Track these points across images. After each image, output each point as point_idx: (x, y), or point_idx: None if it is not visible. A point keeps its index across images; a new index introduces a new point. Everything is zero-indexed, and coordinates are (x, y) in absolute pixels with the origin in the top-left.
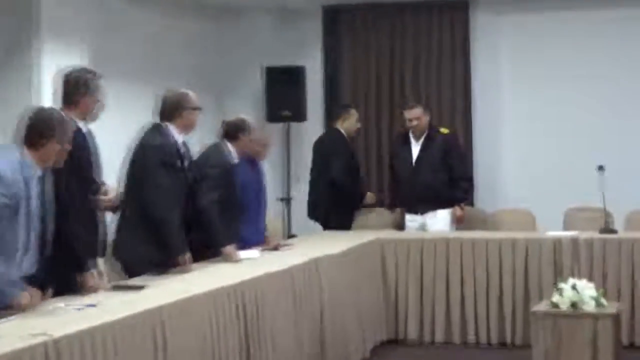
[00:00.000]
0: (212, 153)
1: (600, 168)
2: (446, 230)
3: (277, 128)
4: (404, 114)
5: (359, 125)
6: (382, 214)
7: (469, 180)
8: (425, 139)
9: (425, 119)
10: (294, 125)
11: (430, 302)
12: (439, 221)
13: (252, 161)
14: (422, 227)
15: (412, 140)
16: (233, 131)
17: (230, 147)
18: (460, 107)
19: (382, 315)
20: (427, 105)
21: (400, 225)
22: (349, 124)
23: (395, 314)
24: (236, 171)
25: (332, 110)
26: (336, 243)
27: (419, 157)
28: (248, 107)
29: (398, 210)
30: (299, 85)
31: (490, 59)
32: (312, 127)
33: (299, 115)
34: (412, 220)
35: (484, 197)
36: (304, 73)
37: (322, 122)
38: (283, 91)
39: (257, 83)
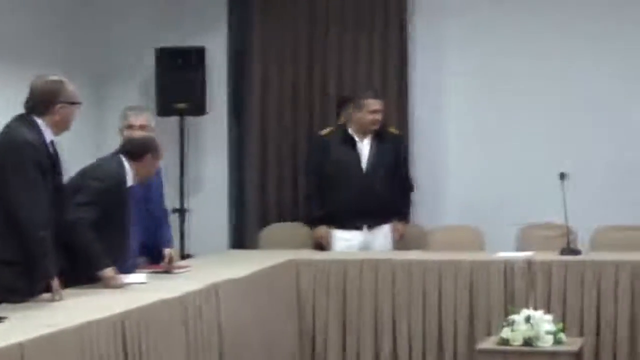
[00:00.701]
0: (105, 164)
1: (562, 176)
2: (387, 249)
3: (170, 123)
4: (365, 104)
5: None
6: (298, 230)
7: (413, 191)
8: (374, 139)
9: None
10: (191, 119)
11: (354, 336)
12: (380, 239)
13: None
14: (366, 246)
15: (357, 140)
16: (140, 151)
17: (129, 167)
18: (394, 102)
19: (295, 351)
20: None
21: (322, 245)
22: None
23: (312, 349)
24: (128, 191)
25: (238, 102)
26: (241, 265)
27: (370, 161)
28: (134, 98)
29: (323, 227)
30: (198, 71)
31: (432, 44)
32: (214, 123)
33: (198, 107)
34: (349, 239)
35: (423, 212)
36: (203, 55)
37: (225, 117)
38: (178, 78)
39: (146, 68)
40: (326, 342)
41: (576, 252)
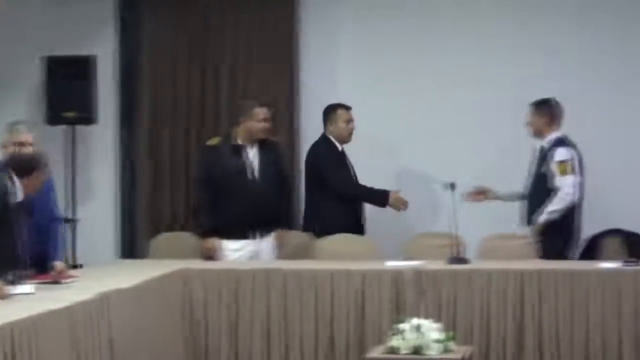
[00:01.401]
0: None
1: (452, 186)
2: (272, 258)
3: (59, 132)
4: (254, 112)
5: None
6: (189, 240)
7: (291, 197)
8: (259, 147)
9: None
10: (81, 128)
11: (246, 348)
12: (270, 248)
13: None
14: (256, 255)
15: (245, 149)
16: (29, 168)
17: (18, 183)
18: (285, 106)
19: None
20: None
21: (212, 255)
22: (335, 127)
23: (204, 359)
24: (17, 205)
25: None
26: (131, 274)
27: (259, 170)
28: (22, 108)
29: (212, 238)
30: (88, 80)
31: (323, 51)
32: (104, 131)
33: (87, 116)
34: (239, 249)
35: None
36: (94, 64)
37: (116, 125)
38: (67, 87)
39: (33, 77)
40: (218, 353)
41: (464, 261)
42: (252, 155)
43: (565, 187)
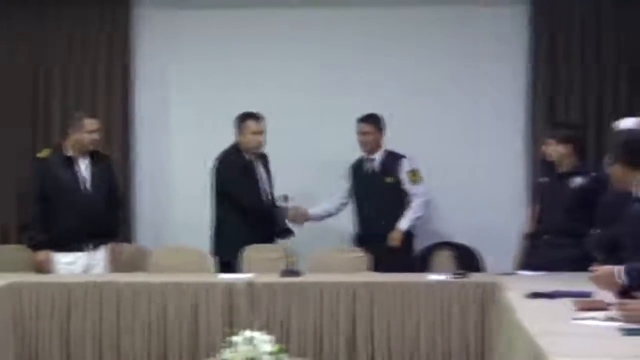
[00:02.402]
0: None
1: (285, 198)
2: (105, 271)
3: None
4: (84, 124)
5: (257, 138)
6: (21, 253)
7: (121, 209)
8: (90, 158)
9: None
10: None
11: None
12: (102, 261)
13: None
14: (89, 269)
15: (76, 161)
16: None
17: None
18: (118, 116)
19: None
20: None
21: (44, 268)
22: (243, 138)
23: None
24: None
25: None
26: None
27: (90, 182)
28: None
29: (43, 251)
30: None
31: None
32: None
33: None
34: (72, 262)
35: (145, 233)
36: None
37: None
38: None
39: None
40: None
41: (297, 273)
42: (84, 167)
43: (421, 195)
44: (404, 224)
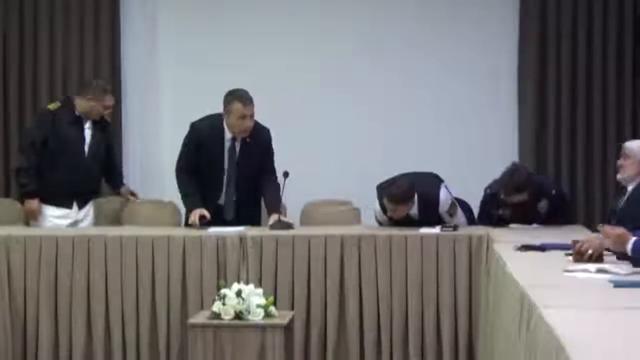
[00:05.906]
0: None
1: (285, 174)
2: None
3: None
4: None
5: (246, 122)
6: (10, 206)
7: (121, 175)
8: (92, 122)
9: None
10: None
11: (66, 315)
12: (89, 217)
13: None
14: (76, 224)
15: (84, 123)
16: None
17: None
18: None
19: (8, 331)
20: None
21: (34, 217)
22: (228, 119)
23: (23, 328)
24: None
25: None
26: None
27: (90, 144)
28: None
29: (35, 200)
30: None
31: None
32: None
33: None
34: (60, 217)
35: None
36: None
37: None
38: None
39: None
40: (37, 319)
41: (287, 226)
42: (87, 128)
43: (461, 216)
44: None
